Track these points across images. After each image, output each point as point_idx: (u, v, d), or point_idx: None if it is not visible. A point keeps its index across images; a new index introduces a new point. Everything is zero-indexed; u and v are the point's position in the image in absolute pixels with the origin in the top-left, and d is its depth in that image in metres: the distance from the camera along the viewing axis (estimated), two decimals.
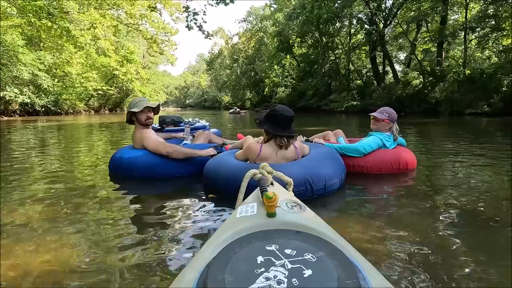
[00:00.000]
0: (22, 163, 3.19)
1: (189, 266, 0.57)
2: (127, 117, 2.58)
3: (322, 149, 2.24)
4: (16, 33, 13.13)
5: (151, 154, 2.42)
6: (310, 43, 27.16)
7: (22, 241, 1.34)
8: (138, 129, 2.53)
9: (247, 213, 0.74)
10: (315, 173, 1.87)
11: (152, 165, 2.41)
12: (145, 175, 2.41)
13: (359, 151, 2.51)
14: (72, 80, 20.44)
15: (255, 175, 0.99)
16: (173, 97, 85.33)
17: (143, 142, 2.45)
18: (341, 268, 0.49)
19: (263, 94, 37.97)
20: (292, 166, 1.88)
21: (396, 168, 2.52)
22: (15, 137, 6.29)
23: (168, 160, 2.41)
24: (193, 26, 8.55)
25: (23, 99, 15.30)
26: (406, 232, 1.39)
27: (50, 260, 1.19)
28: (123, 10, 18.62)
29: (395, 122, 2.66)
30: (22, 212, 1.70)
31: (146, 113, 2.51)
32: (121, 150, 2.63)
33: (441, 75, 16.66)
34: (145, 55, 38.45)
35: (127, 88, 30.38)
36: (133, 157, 2.44)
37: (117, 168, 2.51)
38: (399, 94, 18.34)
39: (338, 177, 2.02)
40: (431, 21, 18.77)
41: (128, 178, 2.44)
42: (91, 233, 1.43)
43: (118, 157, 2.52)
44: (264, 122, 1.95)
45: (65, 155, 3.85)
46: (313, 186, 1.83)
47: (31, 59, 14.58)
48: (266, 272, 0.48)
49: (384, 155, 2.53)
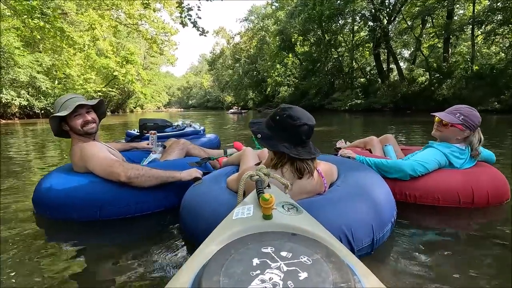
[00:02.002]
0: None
1: (184, 268, 0.57)
2: (53, 127, 1.69)
3: (358, 171, 1.46)
4: (13, 35, 12.94)
5: (101, 181, 1.57)
6: (312, 41, 26.76)
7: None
8: (77, 143, 1.69)
9: (243, 215, 0.74)
10: (357, 220, 1.14)
11: (102, 200, 1.54)
12: (90, 217, 1.54)
13: (405, 172, 1.65)
14: (73, 82, 20.31)
15: (251, 177, 0.94)
16: (176, 98, 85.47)
17: (86, 162, 1.60)
18: (336, 270, 0.49)
19: (265, 94, 37.67)
20: (318, 209, 1.10)
21: (468, 201, 1.60)
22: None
23: (130, 190, 1.57)
24: (187, 22, 8.21)
25: (20, 102, 15.12)
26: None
27: None
28: (122, 10, 18.42)
29: (477, 130, 1.73)
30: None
31: (82, 116, 1.67)
32: (51, 176, 1.67)
33: (448, 71, 16.18)
34: (146, 56, 38.36)
35: (128, 90, 30.28)
36: (71, 188, 1.53)
37: (44, 206, 1.59)
38: (405, 92, 17.87)
39: (389, 220, 1.29)
40: (436, 16, 18.25)
41: (63, 222, 1.55)
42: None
43: (46, 189, 1.57)
44: (271, 136, 1.19)
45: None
46: (354, 244, 1.11)
47: (28, 61, 14.39)
48: (262, 275, 0.48)
49: (448, 180, 1.65)
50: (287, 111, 1.17)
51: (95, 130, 1.73)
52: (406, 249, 1.25)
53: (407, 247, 1.27)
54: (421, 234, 1.41)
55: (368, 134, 2.43)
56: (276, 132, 1.18)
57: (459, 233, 1.42)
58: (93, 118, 1.72)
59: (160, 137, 2.80)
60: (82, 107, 1.67)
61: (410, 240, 1.34)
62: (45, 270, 1.12)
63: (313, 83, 25.59)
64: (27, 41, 15.76)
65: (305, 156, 1.17)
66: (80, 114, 1.67)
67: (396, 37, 20.56)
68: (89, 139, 1.73)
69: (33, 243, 1.36)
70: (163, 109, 58.55)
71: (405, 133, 6.10)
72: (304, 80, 27.70)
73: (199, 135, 3.73)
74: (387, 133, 2.45)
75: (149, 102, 43.12)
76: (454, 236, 1.39)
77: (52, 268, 1.15)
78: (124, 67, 24.07)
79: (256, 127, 1.23)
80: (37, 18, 9.50)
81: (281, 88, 32.82)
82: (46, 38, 12.53)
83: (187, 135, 3.53)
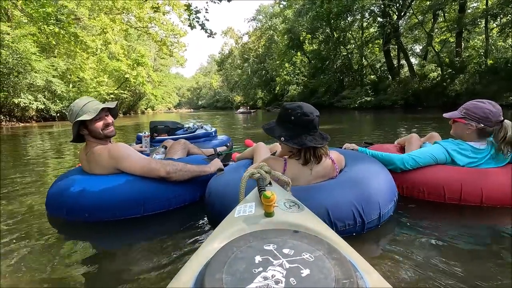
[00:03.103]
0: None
1: (187, 266, 0.57)
2: (74, 132, 1.65)
3: (362, 160, 1.64)
4: (30, 41, 13.45)
5: (140, 179, 1.61)
6: (321, 39, 26.60)
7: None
8: (96, 146, 1.66)
9: (245, 213, 0.74)
10: (365, 197, 1.31)
11: (145, 197, 1.59)
12: (135, 214, 1.59)
13: (395, 165, 1.72)
14: (86, 85, 20.89)
15: (253, 175, 0.95)
16: (186, 99, 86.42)
17: (120, 163, 1.61)
18: (339, 267, 0.49)
19: (274, 93, 37.68)
20: (333, 190, 1.31)
21: (455, 197, 1.58)
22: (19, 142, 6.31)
23: (168, 185, 1.65)
24: (195, 25, 8.38)
25: (37, 106, 15.67)
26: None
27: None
28: (133, 14, 18.82)
29: (502, 124, 1.59)
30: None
31: (103, 119, 1.65)
32: (72, 179, 1.65)
33: (461, 66, 15.81)
34: (156, 58, 38.98)
35: (139, 91, 30.88)
36: (110, 189, 1.56)
37: (80, 210, 1.55)
38: (416, 88, 17.58)
39: (392, 199, 1.46)
40: (448, 10, 17.85)
41: (85, 222, 1.55)
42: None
43: (77, 192, 1.55)
44: (292, 135, 1.32)
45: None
46: (364, 217, 1.29)
47: (44, 66, 14.91)
48: (264, 272, 0.48)
49: (435, 175, 1.66)
50: (299, 110, 1.32)
51: (114, 132, 1.73)
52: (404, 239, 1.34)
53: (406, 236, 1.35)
54: (417, 227, 1.46)
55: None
56: (295, 131, 1.32)
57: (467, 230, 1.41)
58: (112, 121, 1.72)
59: (173, 140, 2.81)
60: (103, 110, 1.66)
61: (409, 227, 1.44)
62: (100, 266, 1.19)
63: (322, 81, 25.46)
64: (43, 47, 16.34)
65: (323, 143, 1.34)
66: (100, 117, 1.65)
67: (406, 33, 20.22)
68: (107, 142, 1.72)
69: (88, 248, 1.36)
70: (173, 110, 59.33)
71: (417, 130, 6.00)
72: (313, 78, 27.58)
73: (211, 137, 3.60)
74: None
75: (159, 104, 43.83)
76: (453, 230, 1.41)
77: (107, 264, 1.21)
78: (135, 69, 24.57)
79: (276, 133, 1.36)
80: (52, 25, 9.85)
81: (290, 86, 32.76)
82: (61, 43, 12.95)
83: (199, 138, 3.43)
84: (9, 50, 12.27)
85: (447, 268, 1.07)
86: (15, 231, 1.51)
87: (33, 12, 9.38)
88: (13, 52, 12.50)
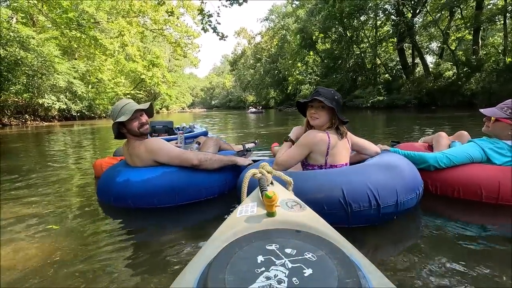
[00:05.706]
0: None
1: (189, 266, 0.57)
2: (115, 131, 1.92)
3: (390, 155, 1.72)
4: (53, 45, 14.20)
5: (175, 170, 1.84)
6: (333, 38, 26.45)
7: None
8: (135, 142, 1.91)
9: (247, 213, 0.74)
10: (380, 183, 1.37)
11: (179, 187, 1.81)
12: (169, 203, 1.82)
13: (428, 163, 1.72)
14: (104, 86, 21.73)
15: (254, 175, 0.96)
16: (199, 99, 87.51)
17: (156, 155, 1.85)
18: (341, 266, 0.49)
19: (287, 92, 37.70)
20: (349, 174, 1.42)
21: (493, 196, 1.56)
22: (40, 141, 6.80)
23: (200, 177, 1.87)
24: (208, 28, 8.69)
25: (59, 106, 16.51)
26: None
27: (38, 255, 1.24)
28: (148, 16, 19.46)
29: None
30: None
31: (137, 119, 1.89)
32: (122, 171, 1.89)
33: (478, 64, 15.42)
34: (170, 59, 39.82)
35: (154, 92, 31.71)
36: (150, 179, 1.78)
37: (126, 197, 1.79)
38: (430, 87, 17.26)
39: (414, 191, 1.47)
40: (465, 6, 17.41)
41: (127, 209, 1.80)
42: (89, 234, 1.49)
43: (122, 182, 1.80)
44: (339, 111, 1.61)
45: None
46: (379, 200, 1.34)
47: (66, 68, 15.70)
48: (267, 272, 0.48)
49: (471, 174, 1.64)
50: (337, 93, 1.64)
51: (147, 130, 1.95)
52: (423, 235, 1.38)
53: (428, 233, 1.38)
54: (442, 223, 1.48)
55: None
56: (338, 108, 1.61)
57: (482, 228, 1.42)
58: (146, 120, 1.95)
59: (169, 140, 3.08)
60: (137, 111, 1.88)
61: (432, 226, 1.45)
62: (143, 248, 1.33)
63: (334, 80, 25.33)
64: (65, 50, 17.19)
65: (344, 119, 1.63)
66: (135, 117, 1.87)
67: (421, 31, 19.85)
68: (144, 138, 1.96)
69: (122, 232, 1.51)
70: (187, 109, 60.17)
71: (431, 130, 5.74)
72: (325, 77, 27.46)
73: (205, 136, 3.89)
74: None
75: (174, 103, 44.65)
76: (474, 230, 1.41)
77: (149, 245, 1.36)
78: (150, 70, 25.31)
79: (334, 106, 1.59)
80: (74, 30, 10.44)
81: (303, 86, 32.72)
82: (81, 47, 13.59)
83: (194, 137, 3.69)
84: (34, 53, 13.04)
85: (462, 270, 1.06)
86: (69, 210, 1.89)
87: (56, 17, 9.97)
88: (38, 55, 13.27)
